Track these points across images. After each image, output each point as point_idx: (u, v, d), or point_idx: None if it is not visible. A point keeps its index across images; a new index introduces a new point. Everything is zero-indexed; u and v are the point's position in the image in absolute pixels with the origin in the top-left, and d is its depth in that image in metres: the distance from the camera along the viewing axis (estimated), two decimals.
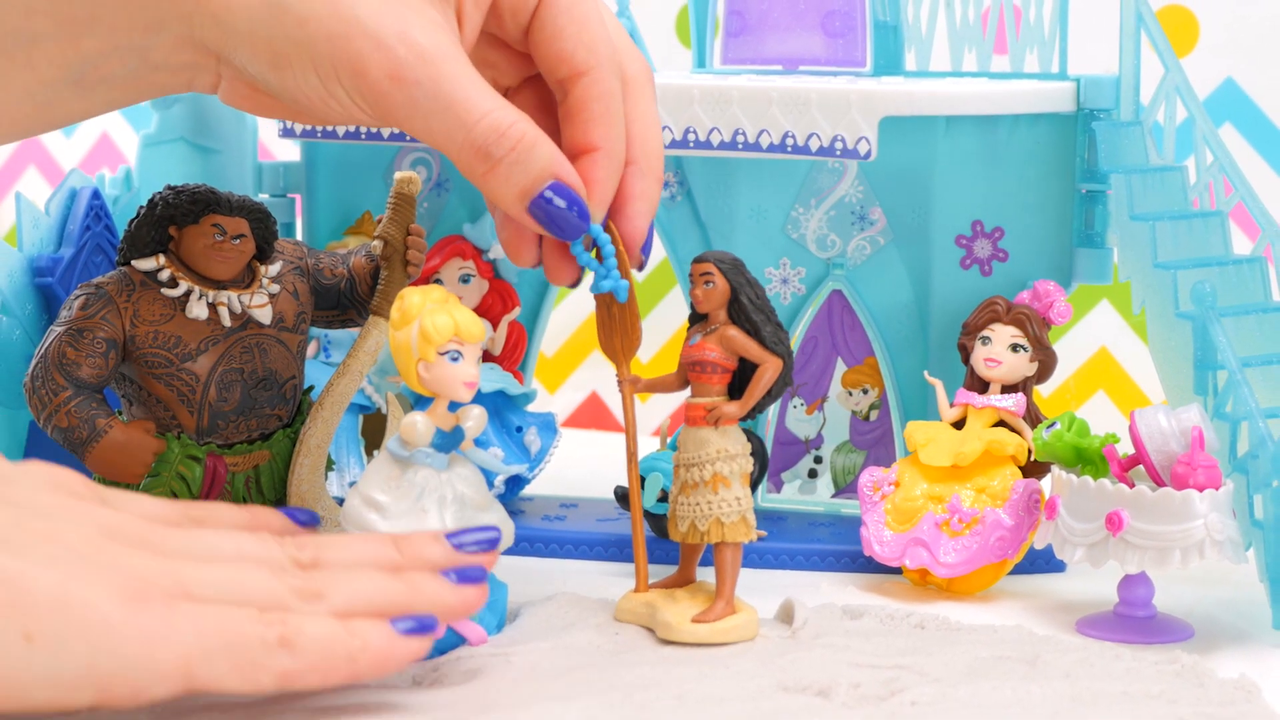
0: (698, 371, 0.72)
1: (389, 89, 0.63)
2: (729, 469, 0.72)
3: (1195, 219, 0.84)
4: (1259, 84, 1.10)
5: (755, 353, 0.71)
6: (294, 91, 0.64)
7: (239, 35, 0.63)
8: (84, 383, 0.72)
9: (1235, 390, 0.76)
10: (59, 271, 0.89)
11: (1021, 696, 0.63)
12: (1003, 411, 0.82)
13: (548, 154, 0.65)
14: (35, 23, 0.64)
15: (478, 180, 0.65)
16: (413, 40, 0.63)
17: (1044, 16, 0.89)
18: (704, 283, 0.72)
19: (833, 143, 0.82)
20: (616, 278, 0.69)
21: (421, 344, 0.69)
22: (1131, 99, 0.86)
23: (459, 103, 0.63)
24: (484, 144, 0.64)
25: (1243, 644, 0.73)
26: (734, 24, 0.93)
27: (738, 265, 0.72)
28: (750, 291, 0.71)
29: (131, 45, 0.65)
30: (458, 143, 0.64)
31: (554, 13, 0.66)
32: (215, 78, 0.66)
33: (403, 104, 0.63)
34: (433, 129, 0.64)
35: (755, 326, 0.71)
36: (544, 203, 0.65)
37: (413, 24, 0.63)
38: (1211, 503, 0.71)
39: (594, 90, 0.66)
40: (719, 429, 0.72)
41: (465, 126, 0.63)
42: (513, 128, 0.64)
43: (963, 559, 0.79)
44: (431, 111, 0.63)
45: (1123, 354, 1.15)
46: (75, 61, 0.65)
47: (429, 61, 0.63)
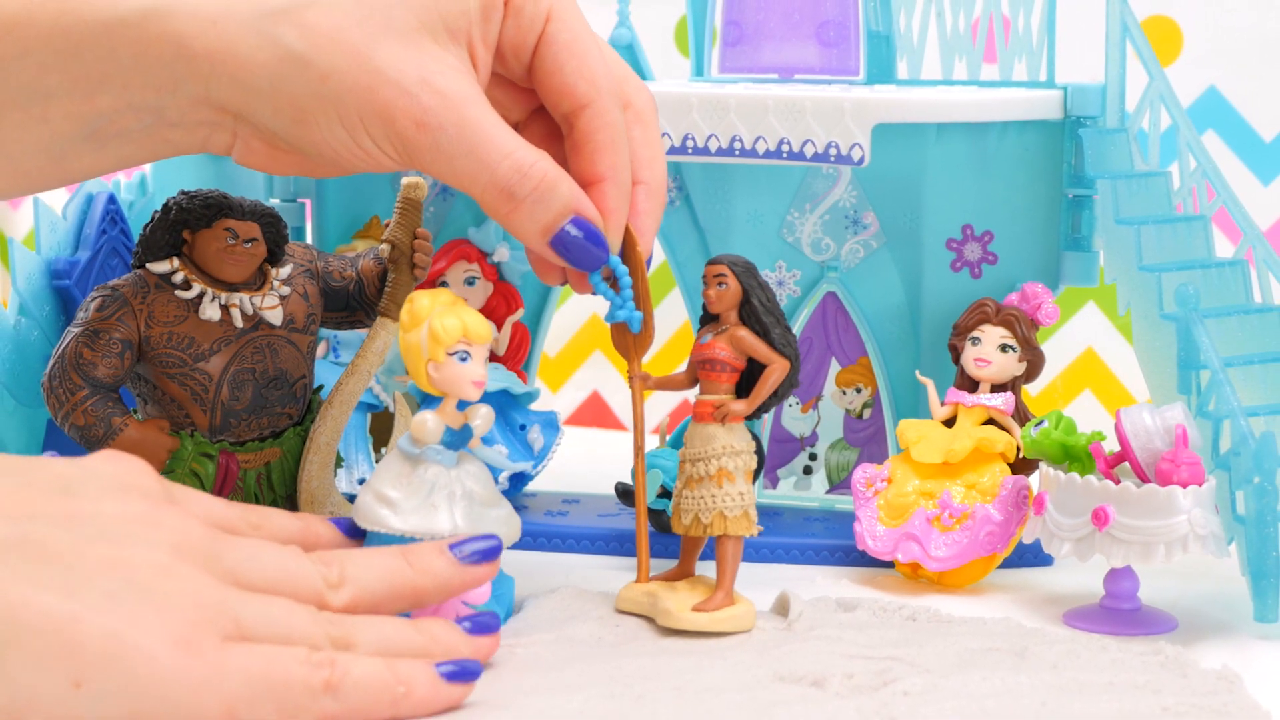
0: (707, 370, 0.72)
1: (415, 135, 0.63)
2: (734, 464, 0.72)
3: (1179, 223, 0.84)
4: (1240, 92, 1.10)
5: (764, 353, 0.72)
6: (319, 145, 0.64)
7: (260, 94, 0.63)
8: (100, 382, 0.73)
9: (1218, 389, 0.76)
10: (76, 274, 0.89)
11: (1010, 686, 0.63)
12: (992, 410, 0.82)
13: (568, 191, 0.66)
14: (49, 79, 0.64)
15: (502, 219, 0.66)
16: (435, 86, 0.63)
17: (1032, 26, 0.89)
18: (717, 284, 0.72)
19: (827, 149, 0.83)
20: (631, 308, 0.70)
21: (431, 345, 0.69)
22: (1117, 107, 0.86)
23: (482, 145, 0.63)
24: (508, 185, 0.64)
25: (1225, 636, 0.73)
26: (731, 34, 0.93)
27: (750, 269, 0.72)
28: (761, 294, 0.72)
29: (146, 103, 0.64)
30: (482, 184, 0.64)
31: (554, 49, 0.66)
32: (231, 137, 0.66)
33: (429, 148, 0.63)
34: (458, 171, 0.64)
35: (765, 328, 0.72)
36: (565, 237, 0.66)
37: (433, 70, 0.63)
38: (1195, 499, 0.71)
39: (597, 121, 0.67)
40: (726, 425, 0.72)
41: (489, 168, 0.64)
42: (534, 167, 0.64)
43: (953, 553, 0.79)
44: (456, 155, 0.63)
45: (1109, 354, 1.15)
46: (89, 117, 0.64)
47: (452, 106, 0.63)
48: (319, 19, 0.63)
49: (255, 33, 0.63)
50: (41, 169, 0.66)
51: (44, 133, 0.65)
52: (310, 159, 0.66)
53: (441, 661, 0.60)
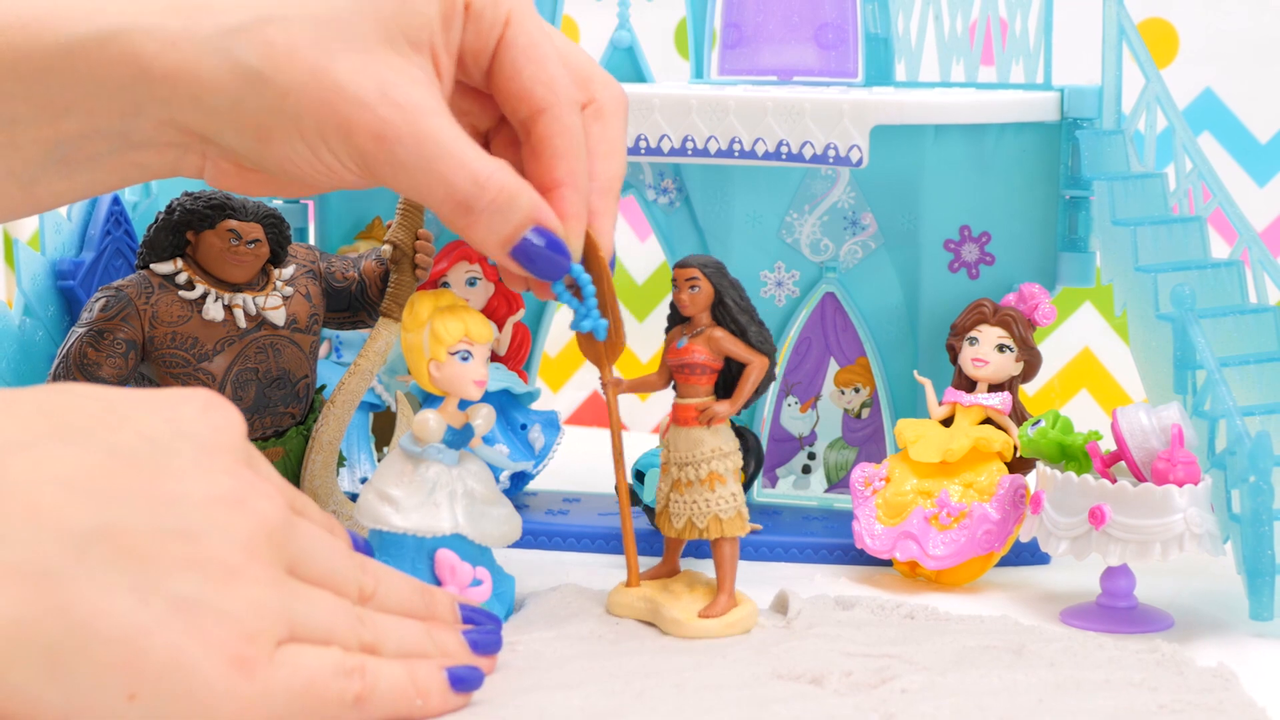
0: (686, 373, 0.72)
1: (374, 149, 0.62)
2: (724, 467, 0.72)
3: (1175, 224, 0.84)
4: (1236, 94, 1.10)
5: (742, 353, 0.71)
6: (282, 162, 0.63)
7: (221, 114, 0.62)
8: (104, 382, 0.73)
9: (1213, 389, 0.76)
10: (80, 275, 0.89)
11: (1008, 684, 0.63)
12: (989, 410, 0.82)
13: (527, 202, 0.64)
14: (14, 106, 0.62)
15: (460, 231, 0.64)
16: (393, 99, 0.62)
17: (1029, 29, 0.90)
18: (689, 287, 0.72)
19: (826, 151, 0.83)
20: (596, 317, 0.69)
21: (433, 345, 0.69)
22: (1113, 108, 0.86)
23: (439, 158, 0.62)
24: (464, 197, 0.63)
25: (1221, 633, 0.73)
26: (731, 36, 0.93)
27: (720, 269, 0.72)
28: (734, 294, 0.72)
29: (111, 128, 0.63)
30: (439, 197, 0.63)
31: (512, 54, 0.65)
32: (200, 159, 0.65)
33: (387, 162, 0.62)
34: (416, 184, 0.63)
35: (742, 327, 0.71)
36: (526, 247, 0.65)
37: (391, 82, 0.62)
38: (1191, 497, 0.71)
39: (555, 126, 0.65)
40: (711, 428, 0.72)
41: (445, 181, 0.62)
42: (491, 179, 0.63)
43: (951, 552, 0.79)
44: (413, 168, 0.62)
45: (1105, 354, 1.15)
46: (56, 142, 0.63)
47: (409, 119, 0.62)
48: (277, 35, 0.61)
49: (214, 52, 0.61)
50: (12, 196, 0.65)
51: (13, 159, 0.64)
52: (279, 179, 0.65)
53: (452, 668, 0.61)
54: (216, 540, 0.55)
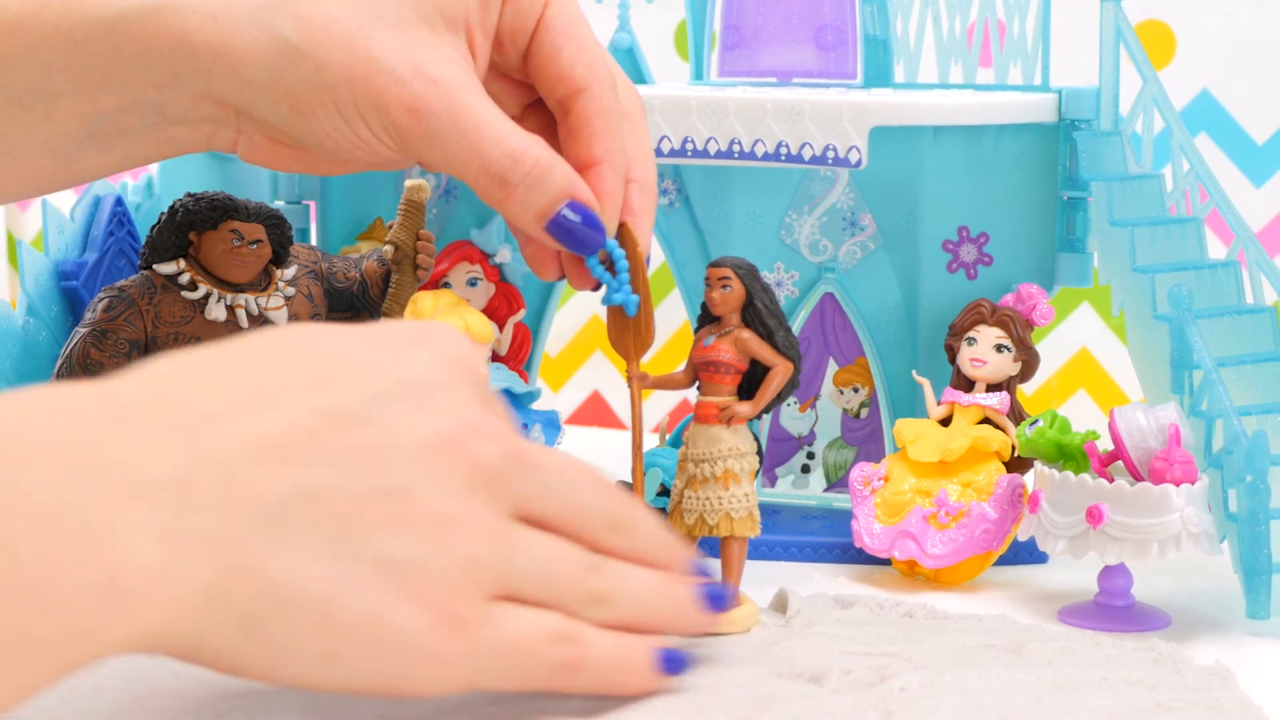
0: (710, 371, 0.72)
1: (409, 122, 0.62)
2: (740, 466, 0.72)
3: (1172, 225, 0.84)
4: (1233, 95, 1.10)
5: (768, 356, 0.71)
6: (319, 135, 0.64)
7: (258, 86, 0.63)
8: None
9: (1210, 389, 0.76)
10: (83, 275, 0.89)
11: (1006, 683, 0.63)
12: (988, 409, 0.82)
13: (562, 175, 0.65)
14: (53, 79, 0.63)
15: (496, 204, 0.65)
16: (428, 74, 0.62)
17: (1027, 31, 0.89)
18: (721, 286, 0.72)
19: (825, 152, 0.83)
20: (627, 292, 0.69)
21: None
22: (1111, 110, 0.86)
23: (474, 130, 0.63)
24: (499, 171, 0.63)
25: (1218, 632, 0.73)
26: (730, 38, 0.93)
27: (753, 271, 0.72)
28: (765, 297, 0.72)
29: (148, 101, 0.64)
30: (475, 170, 0.64)
31: (552, 34, 0.66)
32: (234, 133, 0.65)
33: (422, 135, 0.63)
34: (450, 158, 0.63)
35: (769, 331, 0.71)
36: (561, 221, 0.65)
37: (427, 58, 0.63)
38: (1188, 497, 0.71)
39: (594, 106, 0.66)
40: (730, 427, 0.72)
41: (481, 154, 0.63)
42: (526, 153, 0.64)
43: (949, 551, 0.79)
44: (449, 141, 0.63)
45: (1103, 354, 1.15)
46: (94, 116, 0.64)
47: (444, 93, 0.62)
48: (315, 10, 0.62)
49: (253, 25, 0.62)
50: (48, 170, 0.66)
51: (49, 133, 0.64)
52: (313, 154, 0.66)
53: (663, 649, 0.59)
54: (426, 492, 0.53)
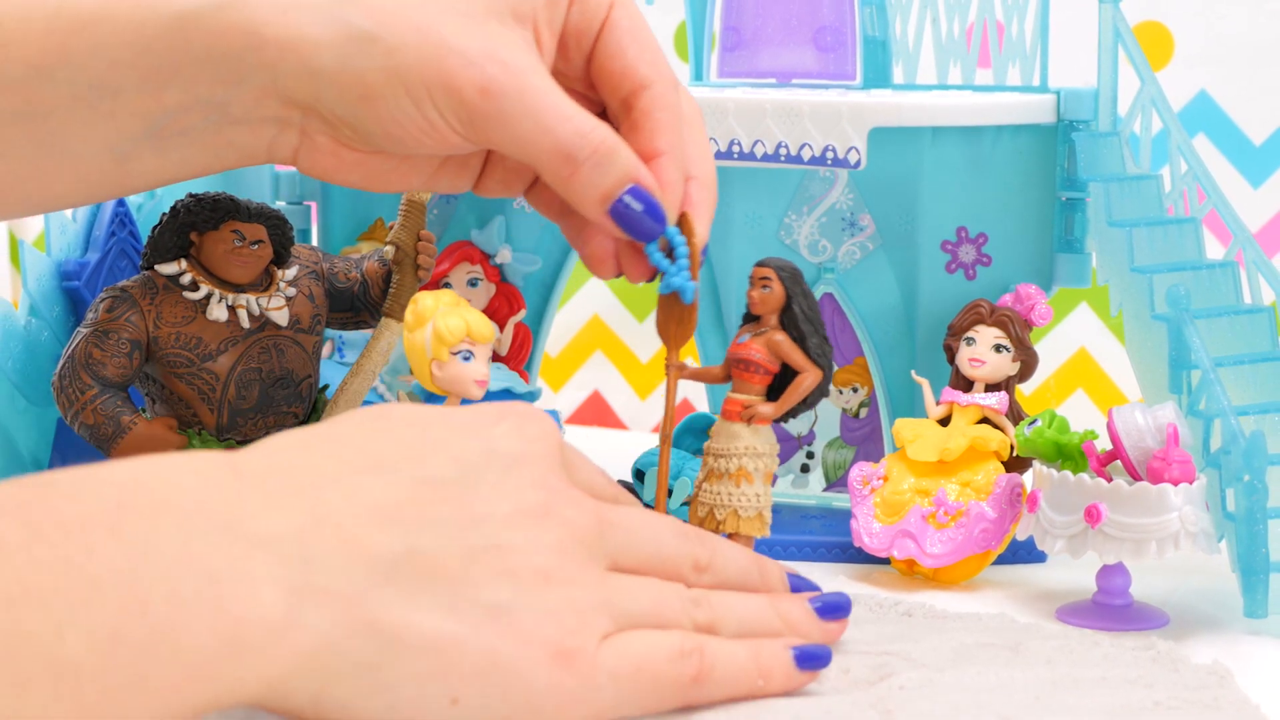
0: (741, 369, 0.72)
1: (480, 102, 0.63)
2: (754, 465, 0.72)
3: (1170, 225, 0.84)
4: (1231, 96, 1.10)
5: (798, 361, 0.71)
6: (386, 123, 0.64)
7: (328, 75, 0.63)
8: (109, 382, 0.73)
9: (1208, 389, 0.76)
10: (85, 275, 0.89)
11: (1005, 681, 0.63)
12: (986, 409, 0.82)
13: (627, 158, 0.65)
14: (119, 75, 0.63)
15: (562, 184, 0.65)
16: (499, 57, 0.63)
17: (1026, 32, 0.89)
18: (762, 286, 0.72)
19: (824, 152, 0.83)
20: (686, 277, 0.69)
21: (435, 344, 0.69)
22: (1109, 111, 0.86)
23: (543, 110, 0.64)
24: (568, 148, 0.64)
25: (1216, 631, 0.73)
26: (730, 39, 0.93)
27: (796, 275, 0.72)
28: (804, 302, 0.72)
29: (213, 98, 0.64)
30: (543, 149, 0.64)
31: (617, 34, 0.67)
32: (297, 136, 0.66)
33: (493, 115, 0.63)
34: (519, 137, 0.64)
35: (803, 335, 0.71)
36: (623, 207, 0.65)
37: (497, 43, 0.63)
38: (1186, 496, 0.71)
39: (658, 101, 0.67)
40: (751, 426, 0.72)
41: (549, 132, 0.64)
42: (594, 132, 0.64)
43: (948, 550, 0.79)
44: (517, 120, 0.64)
45: (1101, 354, 1.15)
46: (155, 114, 0.64)
47: (514, 75, 0.63)
48: (384, 1, 0.63)
49: (324, 16, 0.63)
50: (103, 171, 0.66)
51: (110, 130, 0.64)
52: (374, 159, 0.66)
53: (797, 646, 0.61)
54: (526, 550, 0.55)
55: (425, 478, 0.56)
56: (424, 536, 0.54)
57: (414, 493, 0.55)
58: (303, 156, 0.67)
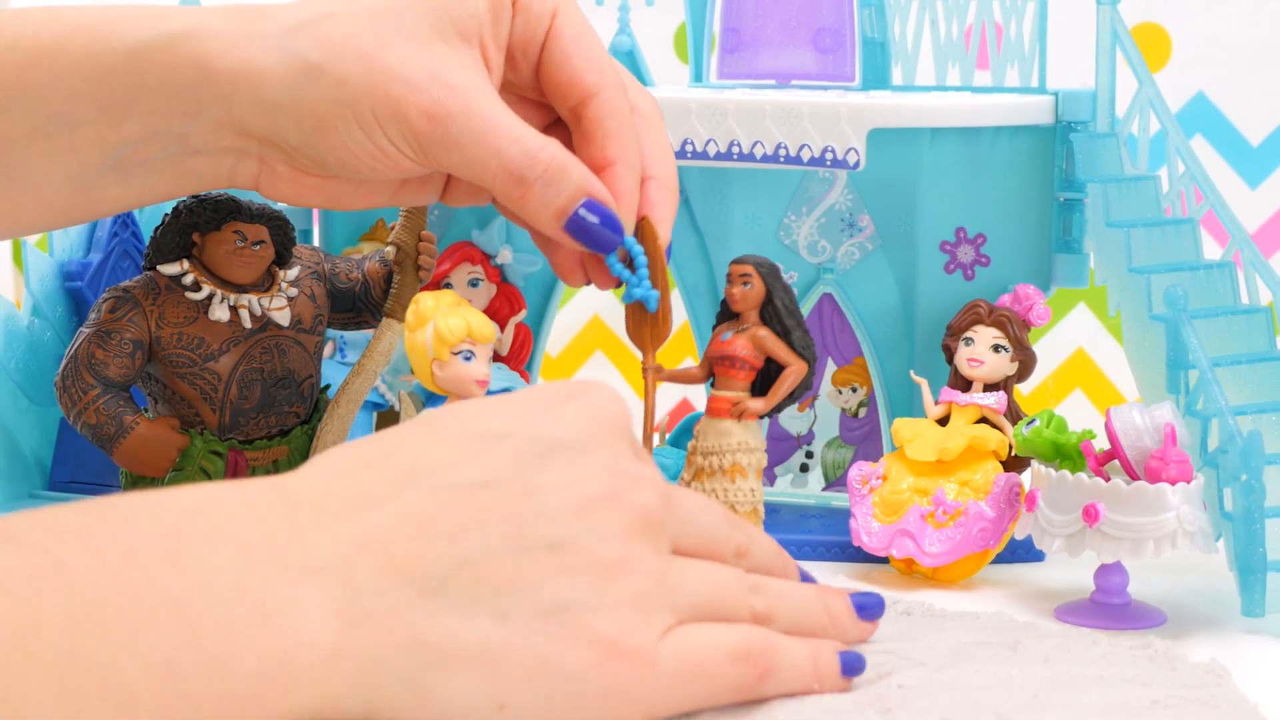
0: (725, 366, 0.72)
1: (427, 127, 0.63)
2: (747, 461, 0.72)
3: (1168, 226, 0.84)
4: (1228, 98, 1.10)
5: (784, 354, 0.71)
6: (340, 152, 0.64)
7: (281, 107, 0.63)
8: (112, 382, 0.73)
9: (1206, 389, 0.76)
10: (88, 276, 0.89)
11: (1003, 679, 0.63)
12: (985, 409, 0.82)
13: (578, 174, 0.65)
14: (77, 106, 0.64)
15: (514, 204, 0.65)
16: (444, 80, 0.63)
17: (1024, 33, 0.90)
18: (742, 283, 0.72)
19: (823, 153, 0.83)
20: (647, 287, 0.68)
21: (436, 344, 0.69)
22: (1107, 112, 0.86)
23: (490, 131, 0.63)
24: (517, 169, 0.64)
25: (1213, 630, 0.73)
26: (729, 41, 0.93)
27: (775, 270, 0.72)
28: (785, 296, 0.72)
29: (170, 130, 0.64)
30: (493, 170, 0.64)
31: (561, 44, 0.67)
32: (256, 164, 0.66)
33: (440, 140, 0.63)
34: (469, 160, 0.64)
35: (786, 329, 0.72)
36: (579, 220, 0.65)
37: (443, 65, 0.63)
38: (1183, 495, 0.71)
39: (605, 109, 0.67)
40: (741, 422, 0.72)
41: (498, 154, 0.64)
42: (542, 151, 0.64)
43: (947, 549, 0.79)
44: (466, 143, 0.63)
45: (1099, 354, 1.15)
46: (115, 145, 0.64)
47: (460, 97, 0.63)
48: (333, 29, 0.63)
49: (274, 49, 0.63)
50: (67, 200, 0.66)
51: (70, 161, 0.65)
52: (334, 183, 0.67)
53: (844, 651, 0.60)
54: (586, 543, 0.54)
55: (478, 482, 0.54)
56: (474, 545, 0.53)
57: (466, 500, 0.54)
58: (263, 183, 0.67)
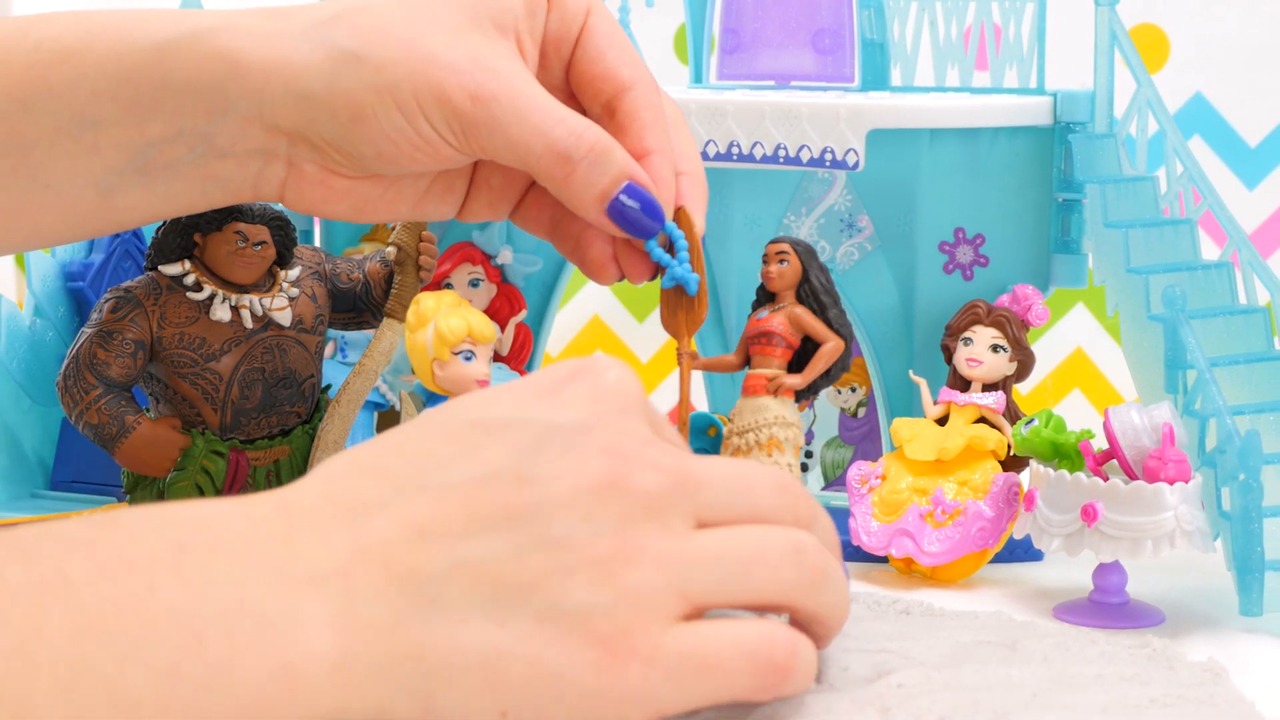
0: (762, 344, 0.72)
1: (471, 109, 0.63)
2: (785, 435, 0.71)
3: (1166, 226, 0.84)
4: (1226, 98, 1.10)
5: (821, 331, 0.71)
6: (379, 141, 0.64)
7: (315, 98, 0.63)
8: (113, 382, 0.73)
9: (1204, 389, 0.76)
10: (90, 276, 0.89)
11: (1002, 678, 0.63)
12: (984, 409, 0.82)
13: (621, 157, 0.65)
14: (101, 106, 0.63)
15: (558, 185, 0.65)
16: (486, 64, 0.63)
17: (1022, 34, 0.90)
18: (779, 261, 0.72)
19: (822, 154, 0.83)
20: (688, 269, 0.68)
21: (437, 344, 0.69)
22: (1105, 113, 0.86)
23: (535, 112, 0.64)
24: (563, 148, 0.64)
25: (1211, 629, 0.73)
26: (729, 42, 0.93)
27: (810, 250, 0.72)
28: (820, 276, 0.72)
29: (196, 129, 0.64)
30: (538, 151, 0.64)
31: (595, 39, 0.67)
32: (284, 168, 0.65)
33: (485, 121, 0.63)
34: (513, 141, 0.64)
35: (823, 306, 0.71)
36: (621, 205, 0.65)
37: (483, 51, 0.64)
38: (1181, 495, 0.71)
39: (641, 101, 0.67)
40: (778, 398, 0.71)
41: (543, 134, 0.64)
42: (588, 131, 0.64)
43: (946, 548, 0.79)
44: (511, 124, 0.63)
45: (1097, 354, 1.15)
46: (139, 146, 0.64)
47: (503, 80, 0.63)
48: (369, 19, 0.63)
49: (308, 40, 0.63)
50: (90, 204, 0.65)
51: (94, 164, 0.64)
52: (362, 186, 0.66)
53: None
54: (584, 537, 0.53)
55: (475, 476, 0.53)
56: (470, 547, 0.52)
57: (463, 498, 0.53)
58: (290, 189, 0.66)
